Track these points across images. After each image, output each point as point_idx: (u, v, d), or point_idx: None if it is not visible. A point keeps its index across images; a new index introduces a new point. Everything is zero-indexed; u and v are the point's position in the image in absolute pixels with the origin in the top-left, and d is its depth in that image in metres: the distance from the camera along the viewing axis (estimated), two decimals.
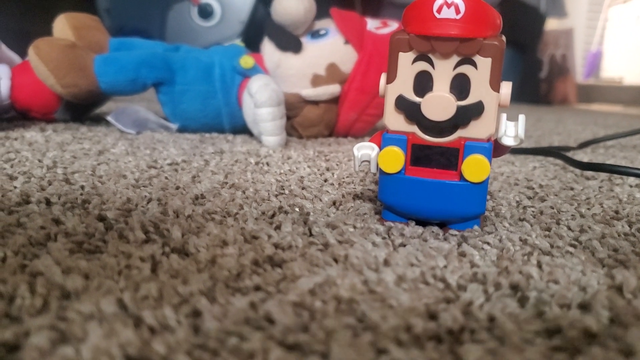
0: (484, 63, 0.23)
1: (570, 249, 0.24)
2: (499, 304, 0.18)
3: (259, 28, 0.98)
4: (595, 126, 0.93)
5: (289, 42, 0.57)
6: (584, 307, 0.18)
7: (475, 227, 0.26)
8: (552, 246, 0.24)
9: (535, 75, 1.90)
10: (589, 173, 0.44)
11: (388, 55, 0.24)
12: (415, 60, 0.23)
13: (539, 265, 0.22)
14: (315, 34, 0.59)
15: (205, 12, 1.35)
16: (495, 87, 0.23)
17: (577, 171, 0.45)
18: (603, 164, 0.46)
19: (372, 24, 0.61)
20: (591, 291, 0.19)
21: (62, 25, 0.60)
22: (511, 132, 0.24)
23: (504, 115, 0.24)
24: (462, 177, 0.24)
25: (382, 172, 0.25)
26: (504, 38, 0.23)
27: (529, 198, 0.34)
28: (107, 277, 0.19)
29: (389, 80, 0.24)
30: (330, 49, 0.58)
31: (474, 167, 0.24)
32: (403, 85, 0.24)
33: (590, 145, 0.61)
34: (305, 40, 0.58)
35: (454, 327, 0.16)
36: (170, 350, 0.14)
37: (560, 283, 0.20)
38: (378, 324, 0.16)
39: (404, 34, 0.23)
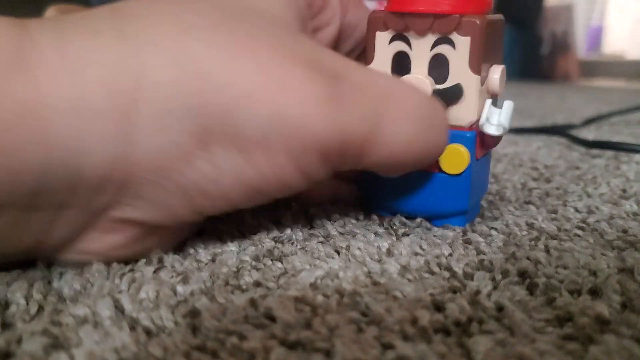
0: (463, 42, 0.21)
1: (578, 232, 0.23)
2: (507, 292, 0.18)
3: None
4: (599, 102, 0.92)
5: None
6: (595, 292, 0.18)
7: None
8: (559, 229, 0.24)
9: (536, 52, 1.88)
10: (595, 151, 0.43)
11: (366, 35, 0.23)
12: (392, 40, 0.22)
13: (547, 250, 0.21)
14: None
15: None
16: (476, 69, 0.21)
17: (583, 149, 0.44)
18: (609, 141, 0.45)
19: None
20: (601, 275, 0.19)
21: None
22: (494, 120, 0.22)
23: (488, 101, 0.22)
24: (440, 168, 0.22)
25: None
26: (500, 17, 0.22)
27: (534, 179, 0.34)
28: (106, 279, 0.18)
29: (367, 62, 0.23)
30: None
31: (451, 158, 0.22)
32: (381, 66, 0.22)
33: (594, 122, 0.60)
34: None
35: (462, 318, 0.16)
36: (167, 353, 0.14)
37: (570, 268, 0.19)
38: (383, 317, 0.16)
39: (380, 12, 0.22)
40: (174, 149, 0.16)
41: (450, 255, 0.21)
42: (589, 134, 0.54)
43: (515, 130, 0.54)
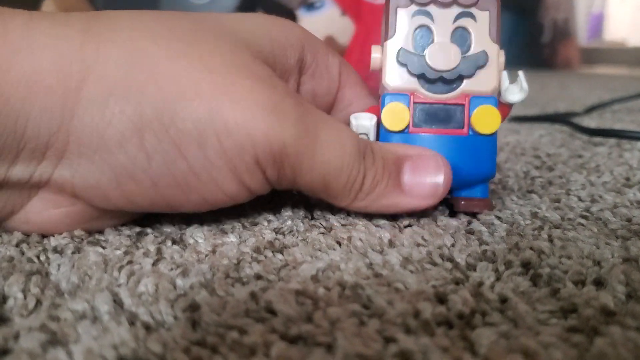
0: (483, 16, 0.23)
1: (582, 221, 0.23)
2: (510, 283, 0.18)
3: (252, 3, 0.96)
4: (600, 90, 0.91)
5: (283, 15, 0.56)
6: (599, 282, 0.18)
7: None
8: (562, 219, 0.24)
9: (538, 40, 1.86)
10: (597, 139, 0.43)
11: (384, 12, 0.24)
12: (414, 16, 0.24)
13: (551, 239, 0.21)
14: (310, 7, 0.57)
15: None
16: (496, 38, 0.24)
17: (585, 138, 0.44)
18: (611, 129, 0.45)
19: None
20: (606, 265, 0.18)
21: (51, 9, 0.59)
22: (514, 88, 0.24)
23: (504, 73, 0.24)
24: (470, 130, 0.23)
25: (384, 135, 0.24)
26: None
27: (537, 168, 0.33)
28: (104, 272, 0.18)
29: (388, 37, 0.24)
30: (326, 21, 0.57)
31: (485, 117, 0.23)
32: (404, 39, 0.24)
33: (596, 110, 0.60)
34: (300, 13, 0.57)
35: (465, 310, 0.16)
36: (166, 349, 0.14)
37: (573, 258, 0.19)
38: (385, 310, 0.16)
39: None
40: (109, 130, 0.18)
41: (453, 245, 0.20)
42: (591, 122, 0.53)
43: (517, 119, 0.54)
